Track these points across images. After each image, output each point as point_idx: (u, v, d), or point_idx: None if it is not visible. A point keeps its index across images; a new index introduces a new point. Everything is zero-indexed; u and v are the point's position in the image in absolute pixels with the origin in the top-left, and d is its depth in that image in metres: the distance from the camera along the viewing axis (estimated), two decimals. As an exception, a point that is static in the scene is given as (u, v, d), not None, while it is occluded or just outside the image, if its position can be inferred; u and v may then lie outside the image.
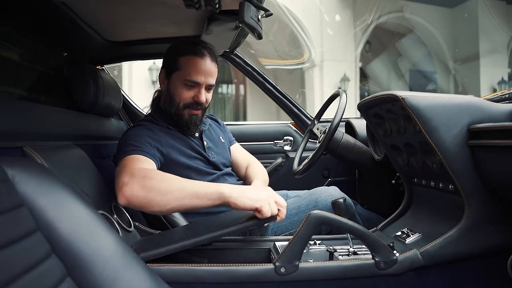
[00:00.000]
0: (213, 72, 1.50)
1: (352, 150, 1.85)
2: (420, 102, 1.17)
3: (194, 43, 1.50)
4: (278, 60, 10.19)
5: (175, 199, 1.13)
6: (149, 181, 1.14)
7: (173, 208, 1.16)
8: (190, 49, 1.48)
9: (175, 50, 1.51)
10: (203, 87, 1.49)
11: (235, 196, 1.13)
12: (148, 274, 0.83)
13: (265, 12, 1.19)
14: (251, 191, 1.15)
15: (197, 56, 1.47)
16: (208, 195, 1.15)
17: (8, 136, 1.03)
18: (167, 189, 1.14)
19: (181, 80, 1.47)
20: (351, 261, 1.13)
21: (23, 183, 0.73)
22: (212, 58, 1.50)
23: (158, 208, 1.15)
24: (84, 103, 1.60)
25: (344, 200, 1.26)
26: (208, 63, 1.48)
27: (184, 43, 1.51)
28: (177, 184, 1.16)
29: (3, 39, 1.24)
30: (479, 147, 1.14)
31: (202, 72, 1.46)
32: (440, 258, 1.18)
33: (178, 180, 1.18)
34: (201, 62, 1.47)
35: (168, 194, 1.13)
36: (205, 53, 1.48)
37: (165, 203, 1.14)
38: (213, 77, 1.51)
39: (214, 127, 1.76)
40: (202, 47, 1.49)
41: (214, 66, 1.51)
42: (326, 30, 10.28)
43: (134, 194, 1.13)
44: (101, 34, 1.60)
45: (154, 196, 1.13)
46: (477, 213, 1.18)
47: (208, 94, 1.53)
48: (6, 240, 0.64)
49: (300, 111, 2.40)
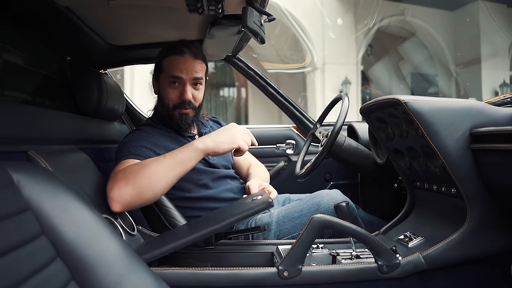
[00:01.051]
0: (196, 67, 1.51)
1: (355, 153, 1.85)
2: (422, 106, 1.17)
3: (175, 44, 1.52)
4: (280, 64, 10.19)
5: (161, 177, 1.18)
6: (129, 175, 1.17)
7: (165, 185, 1.20)
8: (170, 49, 1.51)
9: (160, 53, 1.55)
10: (187, 83, 1.50)
11: (212, 146, 1.24)
12: (152, 278, 0.83)
13: (267, 17, 1.19)
14: (221, 135, 1.27)
15: (177, 54, 1.49)
16: (187, 157, 1.23)
17: (13, 140, 1.04)
18: (149, 172, 1.17)
19: (166, 80, 1.51)
20: (354, 264, 1.13)
21: (28, 188, 0.73)
22: (193, 54, 1.50)
23: (152, 192, 1.18)
24: (87, 107, 1.61)
25: (346, 204, 1.26)
26: (189, 58, 1.49)
27: (168, 45, 1.54)
28: (155, 163, 1.20)
29: (7, 43, 1.25)
30: (482, 151, 1.14)
31: (183, 67, 1.48)
32: (443, 262, 1.18)
33: (154, 160, 1.22)
34: (181, 58, 1.49)
35: (152, 176, 1.17)
36: (184, 50, 1.49)
37: (154, 184, 1.17)
38: (197, 71, 1.51)
39: (215, 129, 1.75)
40: (182, 45, 1.50)
41: (198, 62, 1.51)
42: (328, 33, 10.28)
43: (121, 193, 1.15)
44: (105, 39, 1.61)
45: (140, 184, 1.16)
46: (480, 217, 1.18)
47: (195, 91, 1.53)
48: (11, 244, 0.65)
49: (302, 114, 2.41)
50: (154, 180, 1.18)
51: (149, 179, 1.17)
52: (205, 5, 1.12)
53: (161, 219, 1.45)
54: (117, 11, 1.31)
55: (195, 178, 1.51)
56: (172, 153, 1.25)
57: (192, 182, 1.50)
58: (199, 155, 1.25)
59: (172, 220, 1.44)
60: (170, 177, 1.21)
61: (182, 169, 1.23)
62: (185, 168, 1.23)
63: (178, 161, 1.22)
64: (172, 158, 1.22)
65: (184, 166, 1.23)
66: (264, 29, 1.21)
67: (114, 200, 1.16)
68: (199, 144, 1.25)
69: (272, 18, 1.20)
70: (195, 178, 1.51)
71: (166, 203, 1.46)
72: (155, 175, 1.18)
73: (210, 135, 1.28)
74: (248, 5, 1.10)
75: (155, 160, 1.22)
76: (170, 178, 1.21)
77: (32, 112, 1.17)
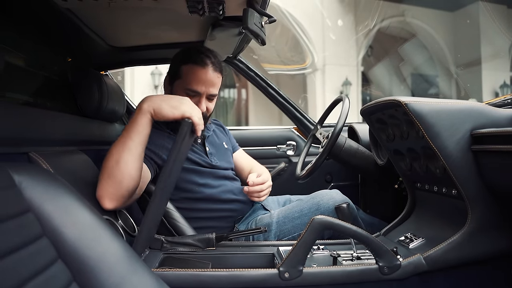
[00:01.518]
0: (215, 82, 1.48)
1: (355, 155, 1.85)
2: (423, 108, 1.17)
3: (198, 51, 1.48)
4: (281, 65, 10.21)
5: (126, 155, 1.14)
6: (104, 169, 1.15)
7: (135, 161, 1.15)
8: (192, 57, 1.46)
9: (179, 58, 1.50)
10: (203, 97, 1.47)
11: (155, 107, 1.15)
12: (153, 280, 0.83)
13: (268, 19, 1.20)
14: (168, 100, 1.17)
15: (198, 65, 1.45)
16: (140, 124, 1.15)
17: (14, 142, 1.04)
18: (116, 156, 1.14)
19: (182, 88, 1.47)
20: (354, 266, 1.13)
21: (30, 189, 0.73)
22: (215, 68, 1.47)
23: (128, 175, 1.14)
24: (88, 108, 1.61)
25: (347, 205, 1.26)
26: (210, 72, 1.45)
27: (188, 50, 1.50)
28: (115, 146, 1.16)
29: (8, 44, 1.25)
30: (482, 152, 1.14)
31: (203, 81, 1.44)
32: (444, 263, 1.18)
33: (115, 144, 1.17)
34: (202, 71, 1.44)
35: (119, 159, 1.14)
36: (207, 62, 1.45)
37: (124, 165, 1.14)
38: (215, 87, 1.49)
39: (218, 133, 1.77)
40: (205, 56, 1.46)
41: (217, 76, 1.48)
42: (328, 34, 10.30)
43: (104, 190, 1.15)
44: (105, 40, 1.61)
45: (114, 172, 1.14)
46: (481, 218, 1.18)
47: (209, 103, 1.51)
48: (12, 245, 0.65)
49: (303, 116, 2.41)
50: (122, 162, 1.13)
51: (118, 162, 1.13)
52: (206, 7, 1.12)
53: (162, 220, 1.45)
54: (118, 13, 1.32)
55: (195, 179, 1.51)
56: (126, 127, 1.18)
57: (192, 183, 1.51)
58: (146, 116, 1.16)
59: (173, 221, 1.44)
60: (134, 151, 1.15)
61: (141, 137, 1.16)
62: (144, 135, 1.16)
63: (133, 131, 1.16)
64: (127, 132, 1.16)
65: (140, 134, 1.16)
66: (265, 30, 1.21)
67: (102, 198, 1.15)
68: (144, 105, 1.17)
69: (273, 19, 1.20)
70: (195, 179, 1.51)
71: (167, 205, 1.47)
72: (121, 157, 1.14)
73: (158, 96, 1.20)
74: (249, 7, 1.10)
75: (115, 144, 1.17)
76: (135, 152, 1.15)
77: (33, 113, 1.17)
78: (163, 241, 1.33)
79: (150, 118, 1.17)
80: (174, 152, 1.05)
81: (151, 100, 1.17)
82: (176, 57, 1.52)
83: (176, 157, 1.05)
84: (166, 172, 1.04)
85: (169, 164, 1.04)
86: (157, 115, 1.16)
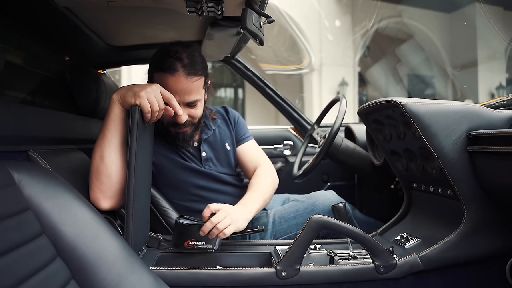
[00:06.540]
0: (189, 89, 1.34)
1: (352, 155, 1.86)
2: (419, 109, 1.18)
3: (167, 55, 1.33)
4: (278, 65, 10.21)
5: (108, 150, 1.15)
6: (91, 170, 1.17)
7: (117, 154, 1.16)
8: (161, 64, 1.33)
9: (152, 62, 1.40)
10: (181, 106, 1.32)
11: (121, 95, 1.16)
12: (151, 278, 0.84)
13: (267, 19, 1.20)
14: (134, 86, 1.17)
15: (167, 74, 1.32)
16: (114, 115, 1.16)
17: (13, 140, 1.04)
18: (99, 153, 1.15)
19: None
20: (351, 265, 1.14)
21: (29, 187, 0.74)
22: (188, 72, 1.32)
23: (115, 168, 1.16)
24: (86, 107, 1.61)
25: (344, 205, 1.27)
26: (182, 80, 1.32)
27: (158, 54, 1.38)
28: (97, 143, 1.17)
29: (6, 43, 1.25)
30: (478, 153, 1.15)
31: (174, 91, 1.30)
32: (440, 262, 1.19)
33: (96, 143, 1.18)
34: (172, 80, 1.32)
35: (103, 154, 1.15)
36: (177, 68, 1.31)
37: (108, 159, 1.15)
38: (191, 94, 1.35)
39: (221, 130, 1.65)
40: (175, 59, 1.31)
41: (191, 82, 1.33)
42: (325, 35, 10.30)
43: (96, 190, 1.16)
44: (103, 39, 1.61)
45: (101, 170, 1.15)
46: (476, 218, 1.19)
47: (192, 109, 1.39)
48: (12, 243, 0.65)
49: (299, 115, 2.42)
50: (106, 156, 1.15)
51: (102, 157, 1.15)
52: (204, 7, 1.12)
53: (159, 219, 1.45)
54: (116, 12, 1.32)
55: (193, 181, 1.50)
56: (103, 122, 1.19)
57: (190, 184, 1.50)
58: (116, 105, 1.17)
59: (170, 220, 1.44)
60: (114, 141, 1.16)
61: (115, 125, 1.16)
62: (118, 122, 1.16)
63: (107, 121, 1.16)
64: (104, 125, 1.17)
65: (114, 121, 1.16)
66: (263, 30, 1.22)
67: (96, 199, 1.16)
68: (114, 95, 1.18)
69: (271, 20, 1.21)
70: (193, 181, 1.50)
71: (163, 203, 1.47)
72: (104, 151, 1.15)
73: (127, 85, 1.19)
74: (248, 7, 1.10)
75: (96, 141, 1.18)
76: (115, 142, 1.16)
77: (31, 112, 1.17)
78: (161, 239, 1.34)
79: (120, 106, 1.17)
80: (129, 138, 1.10)
81: (119, 90, 1.19)
82: (151, 60, 1.42)
83: (132, 143, 1.09)
84: (130, 158, 1.09)
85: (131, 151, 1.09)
86: (123, 102, 1.16)
